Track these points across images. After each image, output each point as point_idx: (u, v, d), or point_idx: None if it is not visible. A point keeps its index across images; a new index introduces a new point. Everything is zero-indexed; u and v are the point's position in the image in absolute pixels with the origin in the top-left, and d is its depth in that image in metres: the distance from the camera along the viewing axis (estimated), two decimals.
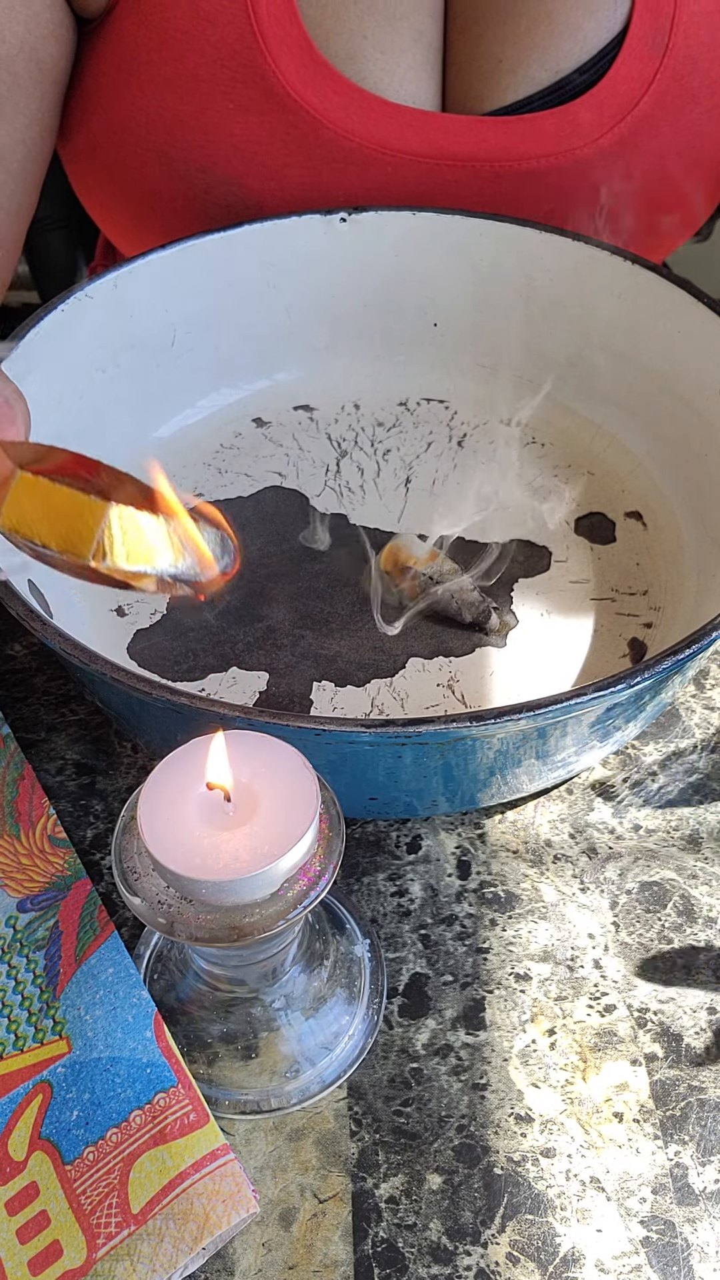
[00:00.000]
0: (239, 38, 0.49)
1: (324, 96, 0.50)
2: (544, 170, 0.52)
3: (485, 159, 0.52)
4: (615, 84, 0.50)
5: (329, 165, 0.51)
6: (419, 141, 0.51)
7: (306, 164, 0.51)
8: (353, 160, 0.51)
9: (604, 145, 0.51)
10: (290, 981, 0.34)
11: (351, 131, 0.50)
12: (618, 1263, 0.32)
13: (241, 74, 0.49)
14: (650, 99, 0.51)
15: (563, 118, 0.51)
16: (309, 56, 0.49)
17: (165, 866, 0.27)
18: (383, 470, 0.53)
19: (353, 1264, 0.32)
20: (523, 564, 0.48)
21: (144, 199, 0.55)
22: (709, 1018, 0.36)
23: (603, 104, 0.51)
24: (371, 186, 0.52)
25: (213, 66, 0.49)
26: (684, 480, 0.50)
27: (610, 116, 0.51)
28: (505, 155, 0.51)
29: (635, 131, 0.51)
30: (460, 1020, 0.36)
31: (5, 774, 0.42)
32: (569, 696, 0.33)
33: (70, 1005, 0.35)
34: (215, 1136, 0.32)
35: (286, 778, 0.29)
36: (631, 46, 0.50)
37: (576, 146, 0.51)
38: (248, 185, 0.52)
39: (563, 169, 0.52)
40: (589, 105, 0.51)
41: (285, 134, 0.50)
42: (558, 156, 0.51)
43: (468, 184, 0.52)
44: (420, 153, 0.51)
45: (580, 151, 0.51)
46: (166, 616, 0.46)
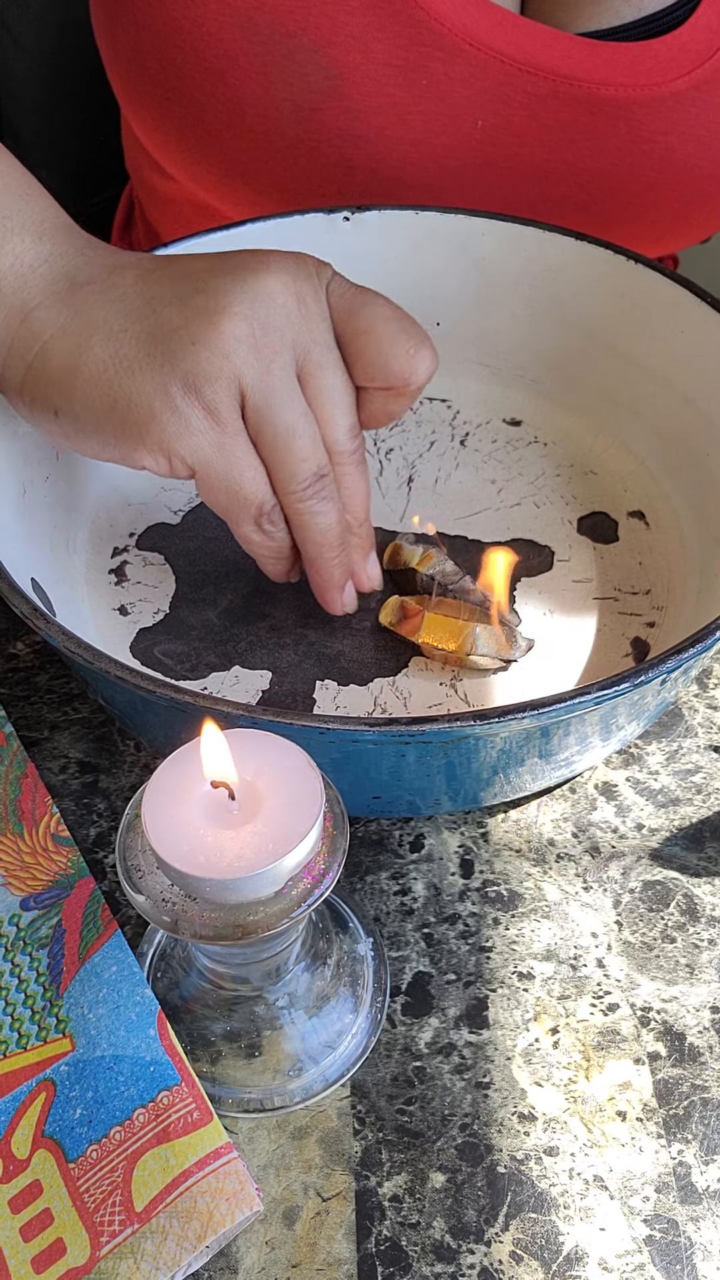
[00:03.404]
0: None
1: None
2: (620, 100, 0.53)
3: (566, 75, 0.52)
4: (695, 30, 0.53)
5: (416, 47, 0.52)
6: (506, 41, 0.52)
7: (395, 41, 0.52)
8: (440, 45, 0.52)
9: (679, 88, 0.53)
10: (294, 980, 0.34)
11: (443, 16, 0.51)
12: (621, 1261, 0.32)
13: None
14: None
15: (643, 52, 0.52)
16: None
17: (169, 864, 0.27)
18: (385, 469, 0.53)
19: (356, 1262, 0.32)
20: (525, 563, 0.48)
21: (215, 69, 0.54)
22: (712, 1017, 0.37)
23: (683, 46, 0.52)
24: (452, 79, 0.53)
25: None
26: (686, 479, 0.50)
27: (690, 59, 0.53)
28: (586, 76, 0.52)
29: (710, 80, 0.53)
30: (463, 1019, 0.36)
31: (8, 772, 0.42)
32: (572, 696, 0.33)
33: (73, 1003, 0.35)
34: (218, 1135, 0.32)
35: (291, 776, 0.29)
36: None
37: (654, 83, 0.52)
38: (331, 54, 0.52)
39: (636, 104, 0.53)
40: (669, 44, 0.52)
41: (378, 7, 0.51)
42: (633, 89, 0.53)
43: (545, 100, 0.53)
44: (505, 54, 0.52)
45: (656, 89, 0.53)
46: (170, 615, 0.47)
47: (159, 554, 0.49)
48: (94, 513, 0.50)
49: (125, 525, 0.50)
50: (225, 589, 0.47)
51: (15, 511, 0.44)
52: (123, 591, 0.47)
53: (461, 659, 0.43)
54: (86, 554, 0.48)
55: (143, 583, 0.48)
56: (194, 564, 0.49)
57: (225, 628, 0.46)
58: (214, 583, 0.48)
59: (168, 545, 0.49)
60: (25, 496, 0.45)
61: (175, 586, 0.48)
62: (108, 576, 0.48)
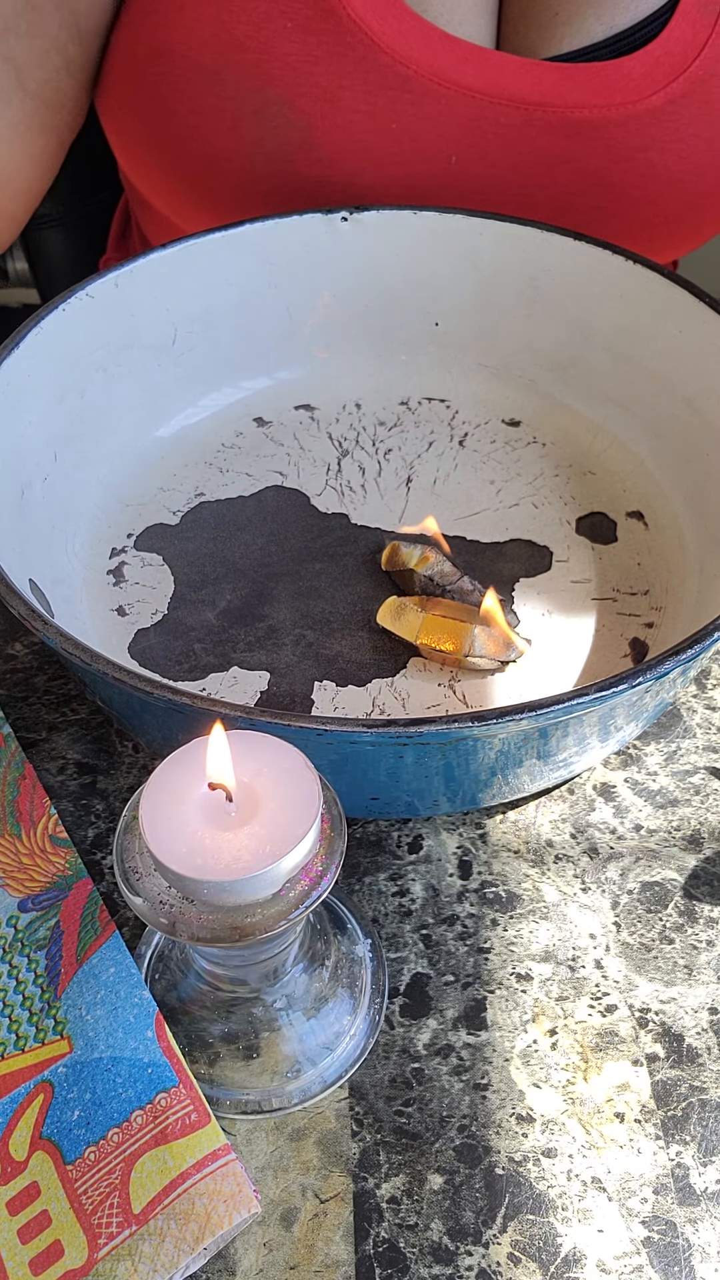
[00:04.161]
0: None
1: (384, 21, 0.50)
2: (595, 122, 0.52)
3: (539, 103, 0.52)
4: (668, 44, 0.52)
5: (383, 92, 0.52)
6: (475, 76, 0.52)
7: (361, 89, 0.52)
8: (407, 88, 0.51)
9: (655, 104, 0.52)
10: (292, 981, 0.34)
11: (408, 59, 0.51)
12: (619, 1263, 0.32)
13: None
14: (702, 63, 0.52)
15: (616, 71, 0.52)
16: None
17: (167, 866, 0.27)
18: (384, 470, 0.53)
19: (354, 1264, 0.32)
20: (524, 563, 0.48)
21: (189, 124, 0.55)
22: (710, 1018, 0.36)
23: (656, 61, 0.52)
24: (423, 118, 0.52)
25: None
26: (685, 480, 0.50)
27: (662, 75, 0.52)
28: (558, 101, 0.52)
29: (686, 94, 0.52)
30: (461, 1020, 0.36)
31: (6, 773, 0.42)
32: (570, 696, 0.33)
33: (71, 1005, 0.35)
34: (216, 1136, 0.32)
35: (288, 778, 0.29)
36: (685, 10, 0.51)
37: (628, 101, 0.52)
38: (300, 106, 0.52)
39: (615, 123, 0.52)
40: (642, 61, 0.52)
41: (342, 55, 0.51)
42: (610, 109, 0.52)
43: (519, 129, 0.53)
44: (475, 88, 0.52)
45: (631, 107, 0.52)
46: (168, 616, 0.46)
47: (157, 555, 0.49)
48: (92, 513, 0.50)
49: (123, 526, 0.50)
50: (223, 590, 0.47)
51: (13, 512, 0.44)
52: (121, 592, 0.47)
53: (460, 660, 0.43)
54: (84, 555, 0.48)
55: (141, 584, 0.48)
56: (192, 565, 0.48)
57: (223, 629, 0.46)
58: (212, 584, 0.48)
59: (166, 546, 0.49)
60: (23, 497, 0.45)
61: (173, 587, 0.48)
62: (106, 577, 0.48)
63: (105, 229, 0.78)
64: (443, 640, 0.43)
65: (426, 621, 0.43)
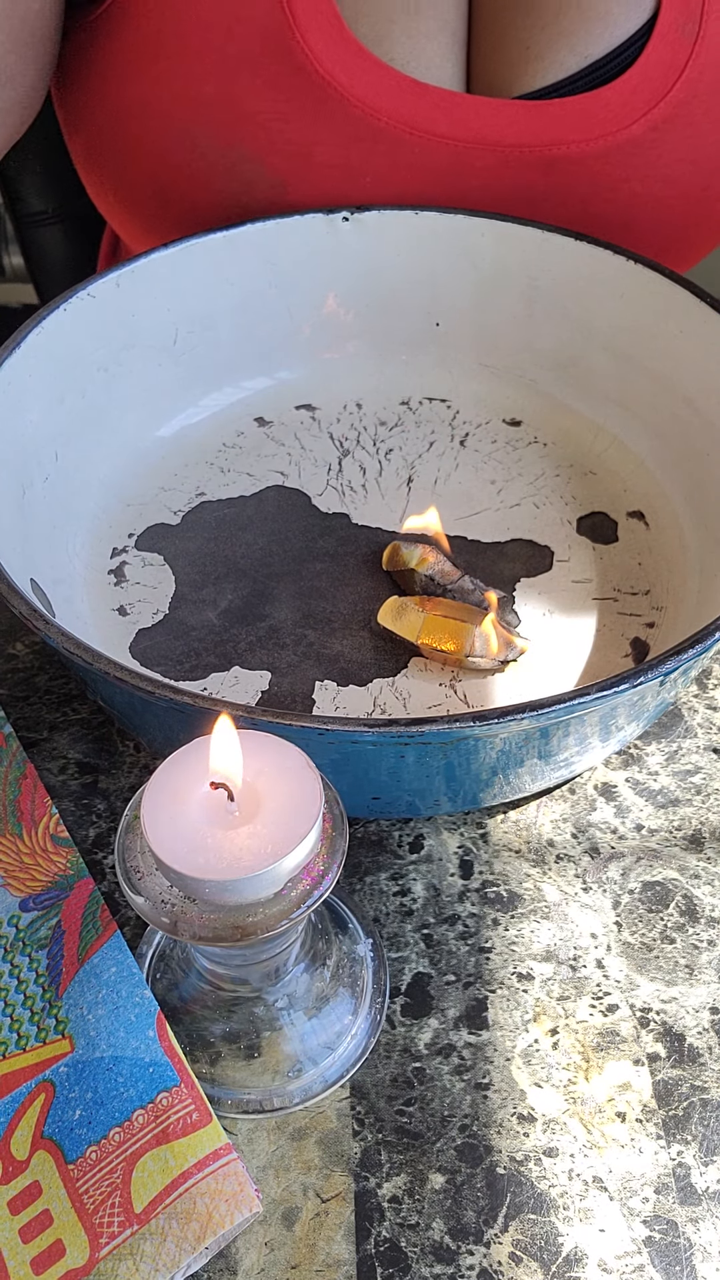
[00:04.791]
0: (269, 14, 0.48)
1: (353, 75, 0.49)
2: (574, 157, 0.51)
3: (514, 143, 0.51)
4: (646, 70, 0.49)
5: (356, 145, 0.51)
6: (447, 123, 0.50)
7: (334, 142, 0.51)
8: (380, 140, 0.51)
9: (635, 133, 0.50)
10: (293, 981, 0.34)
11: (380, 110, 0.50)
12: (620, 1262, 0.32)
13: (271, 50, 0.49)
14: (682, 87, 0.50)
15: (593, 103, 0.50)
16: (339, 34, 0.49)
17: (168, 866, 0.27)
18: (385, 469, 0.53)
19: (355, 1263, 0.32)
20: (525, 563, 0.48)
21: (162, 179, 0.54)
22: (711, 1017, 0.36)
23: (634, 89, 0.50)
24: (398, 168, 0.52)
25: (241, 43, 0.49)
26: (686, 480, 0.50)
27: (642, 103, 0.50)
28: (535, 139, 0.51)
29: (668, 120, 0.50)
30: (463, 1020, 0.36)
31: (7, 773, 0.42)
32: (572, 696, 0.33)
33: (73, 1004, 0.35)
34: (218, 1136, 0.32)
35: (290, 777, 0.29)
36: (662, 33, 0.49)
37: (608, 132, 0.50)
38: (272, 164, 0.52)
39: (594, 156, 0.51)
40: (620, 91, 0.50)
41: (314, 111, 0.50)
42: (588, 143, 0.50)
43: (497, 170, 0.52)
44: (448, 134, 0.51)
45: (611, 138, 0.50)
46: (169, 616, 0.46)
47: (158, 555, 0.49)
48: (93, 513, 0.50)
49: (124, 526, 0.50)
50: (225, 589, 0.47)
51: (14, 512, 0.44)
52: (122, 592, 0.47)
53: (460, 660, 0.43)
54: (85, 555, 0.48)
55: (142, 583, 0.48)
56: (193, 565, 0.49)
57: (224, 628, 0.46)
58: (213, 583, 0.48)
59: (167, 546, 0.49)
60: (25, 497, 0.45)
61: (174, 587, 0.48)
62: (107, 577, 0.48)
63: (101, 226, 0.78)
64: (443, 640, 0.43)
65: (427, 621, 0.43)
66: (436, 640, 0.43)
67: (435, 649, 0.43)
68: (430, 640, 0.43)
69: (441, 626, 0.43)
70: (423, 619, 0.43)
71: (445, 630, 0.43)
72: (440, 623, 0.43)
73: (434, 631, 0.43)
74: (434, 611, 0.44)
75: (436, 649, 0.43)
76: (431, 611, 0.44)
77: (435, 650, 0.43)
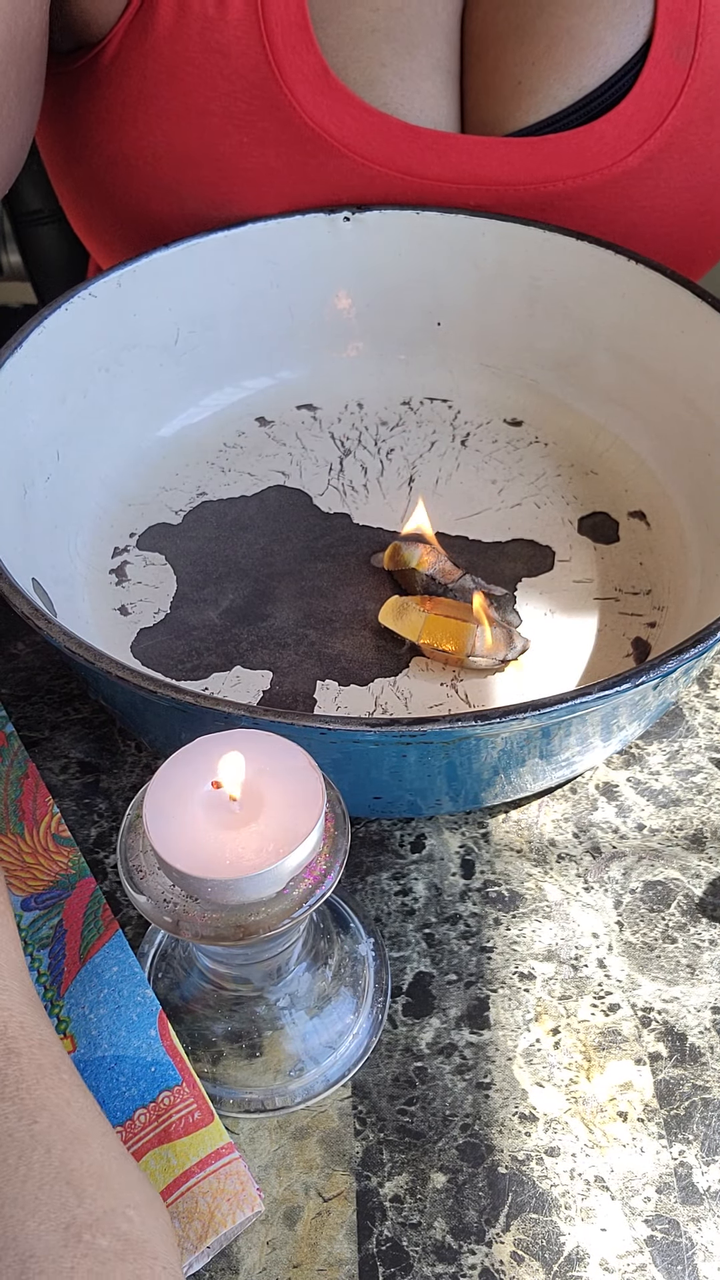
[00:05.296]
0: (254, 68, 0.47)
1: (343, 123, 0.48)
2: (571, 192, 0.50)
3: (509, 182, 0.50)
4: (641, 99, 0.48)
5: (350, 194, 0.50)
6: (441, 165, 0.50)
7: (327, 194, 0.50)
8: (374, 186, 0.50)
9: (632, 164, 0.49)
10: (295, 980, 0.34)
11: (372, 158, 0.49)
12: (622, 1262, 0.32)
13: (257, 105, 0.48)
14: (678, 113, 0.49)
15: (588, 136, 0.49)
16: (326, 84, 0.48)
17: (170, 865, 0.27)
18: (386, 469, 0.53)
19: (357, 1263, 0.32)
20: (526, 563, 0.48)
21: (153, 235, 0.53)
22: (713, 1017, 0.36)
23: (629, 120, 0.49)
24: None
25: (226, 99, 0.48)
26: (687, 480, 0.50)
27: (638, 133, 0.49)
28: (530, 177, 0.50)
29: (665, 148, 0.49)
30: (464, 1019, 0.36)
31: (9, 772, 0.42)
32: (573, 696, 0.33)
33: (74, 1003, 0.35)
34: (220, 1135, 0.32)
35: (292, 776, 0.29)
36: (656, 59, 0.48)
37: (604, 166, 0.49)
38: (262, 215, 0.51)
39: (590, 190, 0.50)
40: (615, 122, 0.49)
41: (303, 164, 0.49)
42: (584, 177, 0.49)
43: (492, 209, 0.51)
44: (443, 177, 0.50)
45: (608, 171, 0.49)
46: (170, 615, 0.47)
47: (159, 554, 0.49)
48: (94, 513, 0.50)
49: (126, 525, 0.50)
50: (226, 589, 0.47)
51: (15, 511, 0.44)
52: (123, 591, 0.47)
53: (461, 659, 0.43)
54: (87, 554, 0.48)
55: (143, 583, 0.48)
56: (195, 564, 0.49)
57: (226, 628, 0.46)
58: (215, 583, 0.48)
59: (168, 545, 0.49)
60: (26, 496, 0.45)
61: (176, 587, 0.48)
62: (108, 577, 0.48)
63: None
64: (444, 640, 0.43)
65: (428, 621, 0.43)
66: (437, 640, 0.43)
67: (436, 649, 0.43)
68: (431, 640, 0.43)
69: (442, 626, 0.43)
70: (424, 619, 0.43)
71: (446, 630, 0.43)
72: (441, 622, 0.43)
73: (435, 631, 0.43)
74: (435, 611, 0.44)
75: (437, 649, 0.43)
76: (432, 611, 0.44)
77: (436, 650, 0.43)
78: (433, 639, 0.43)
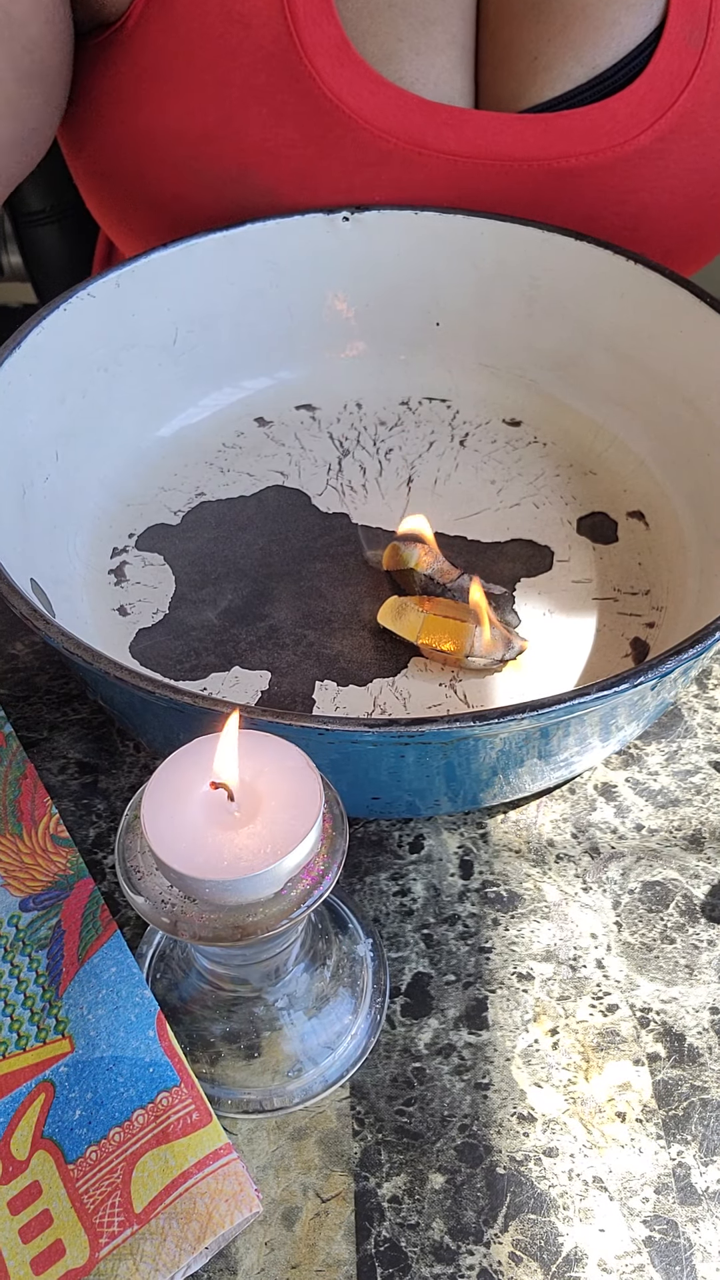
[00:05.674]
0: (275, 40, 0.48)
1: (361, 97, 0.49)
2: (583, 169, 0.51)
3: (523, 157, 0.51)
4: (654, 79, 0.50)
5: (366, 168, 0.51)
6: (456, 140, 0.50)
7: (343, 167, 0.51)
8: (390, 161, 0.51)
9: (644, 143, 0.50)
10: (293, 981, 0.34)
11: (389, 131, 0.50)
12: (620, 1262, 0.32)
13: (277, 78, 0.48)
14: (690, 95, 0.50)
15: (601, 114, 0.50)
16: (346, 57, 0.48)
17: (169, 865, 0.27)
18: (385, 469, 0.53)
19: (355, 1263, 0.32)
20: (525, 563, 0.48)
21: (169, 213, 0.54)
22: (711, 1017, 0.36)
23: (642, 100, 0.50)
24: (406, 186, 0.52)
25: (246, 71, 0.48)
26: (686, 480, 0.50)
27: (650, 112, 0.50)
28: (543, 153, 0.51)
29: (676, 129, 0.50)
30: (463, 1020, 0.36)
31: (7, 773, 0.42)
32: (572, 696, 0.33)
33: (73, 1004, 0.35)
34: (218, 1136, 0.32)
35: (290, 777, 0.29)
36: (669, 41, 0.49)
37: (616, 144, 0.50)
38: (282, 193, 0.52)
39: (602, 168, 0.51)
40: (627, 101, 0.50)
41: (321, 137, 0.50)
42: (596, 154, 0.50)
43: (506, 185, 0.52)
44: (458, 151, 0.51)
45: (620, 149, 0.50)
46: (169, 616, 0.46)
47: (158, 554, 0.49)
48: (93, 513, 0.50)
49: (124, 525, 0.50)
50: (225, 589, 0.47)
51: (15, 512, 0.44)
52: (122, 592, 0.47)
53: (460, 660, 0.43)
54: (86, 554, 0.48)
55: (142, 583, 0.48)
56: (193, 564, 0.49)
57: (225, 628, 0.46)
58: (213, 583, 0.48)
59: (167, 546, 0.49)
60: (25, 497, 0.45)
61: (174, 587, 0.48)
62: (107, 577, 0.48)
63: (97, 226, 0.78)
64: (443, 640, 0.43)
65: (427, 621, 0.43)
66: (436, 640, 0.43)
67: (435, 649, 0.43)
68: (430, 640, 0.43)
69: (441, 626, 0.43)
70: (422, 619, 0.43)
71: (445, 630, 0.43)
72: (440, 623, 0.43)
73: (434, 631, 0.43)
74: (434, 611, 0.44)
75: (436, 649, 0.43)
76: (431, 611, 0.44)
77: (435, 650, 0.43)
78: (431, 639, 0.43)
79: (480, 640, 0.43)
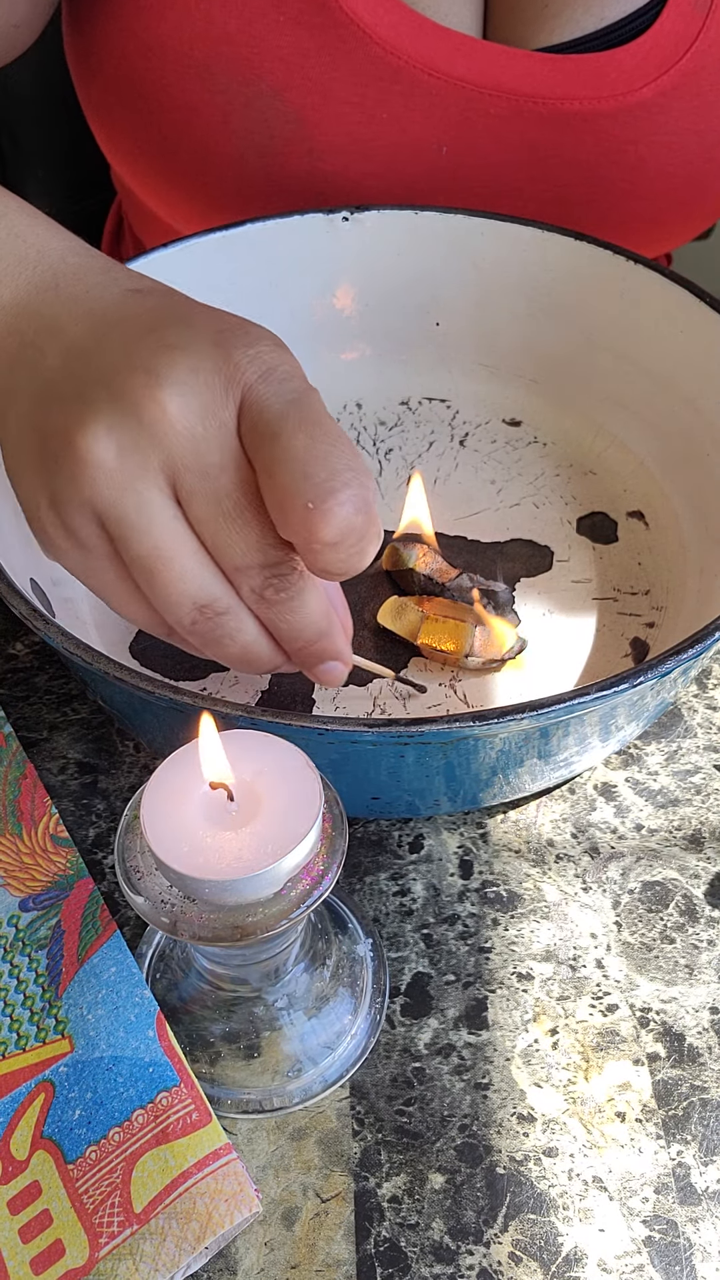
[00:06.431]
0: None
1: (376, 13, 0.50)
2: (586, 114, 0.52)
3: (529, 94, 0.52)
4: (659, 37, 0.52)
5: (375, 83, 0.52)
6: (466, 67, 0.52)
7: (353, 80, 0.52)
8: (398, 80, 0.52)
9: (645, 96, 0.52)
10: (293, 981, 0.34)
11: (400, 49, 0.51)
12: (620, 1262, 0.32)
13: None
14: (692, 58, 0.52)
15: (607, 62, 0.52)
16: None
17: (168, 866, 0.27)
18: (384, 469, 0.53)
19: (355, 1263, 0.32)
20: (525, 563, 0.48)
21: (178, 120, 0.55)
22: (711, 1017, 0.36)
23: (647, 54, 0.52)
24: (413, 109, 0.53)
25: None
26: (686, 480, 0.50)
27: (653, 68, 0.52)
28: (549, 92, 0.52)
29: (677, 87, 0.52)
30: (462, 1020, 0.36)
31: (7, 773, 0.42)
32: (572, 696, 0.33)
33: (72, 1004, 0.35)
34: (217, 1136, 0.32)
35: (290, 777, 0.29)
36: (676, 4, 0.52)
37: (619, 93, 0.52)
38: (290, 98, 0.52)
39: (604, 115, 0.52)
40: (633, 53, 0.52)
41: (334, 48, 0.51)
42: (600, 100, 0.52)
43: (509, 120, 0.53)
44: (466, 79, 0.52)
45: (623, 99, 0.52)
46: None
47: None
48: None
49: None
50: None
51: (14, 512, 0.43)
52: None
53: (460, 660, 0.43)
54: None
55: None
56: None
57: None
58: None
59: None
60: None
61: None
62: None
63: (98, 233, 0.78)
64: (443, 640, 0.43)
65: (427, 621, 0.43)
66: (436, 640, 0.43)
67: (435, 649, 0.43)
68: (430, 640, 0.43)
69: (441, 626, 0.43)
70: (422, 619, 0.43)
71: (444, 630, 0.43)
72: (440, 623, 0.43)
73: (433, 631, 0.43)
74: (433, 611, 0.44)
75: (436, 649, 0.43)
76: (431, 611, 0.44)
77: (435, 650, 0.43)
78: (431, 639, 0.43)
79: (480, 639, 0.43)
